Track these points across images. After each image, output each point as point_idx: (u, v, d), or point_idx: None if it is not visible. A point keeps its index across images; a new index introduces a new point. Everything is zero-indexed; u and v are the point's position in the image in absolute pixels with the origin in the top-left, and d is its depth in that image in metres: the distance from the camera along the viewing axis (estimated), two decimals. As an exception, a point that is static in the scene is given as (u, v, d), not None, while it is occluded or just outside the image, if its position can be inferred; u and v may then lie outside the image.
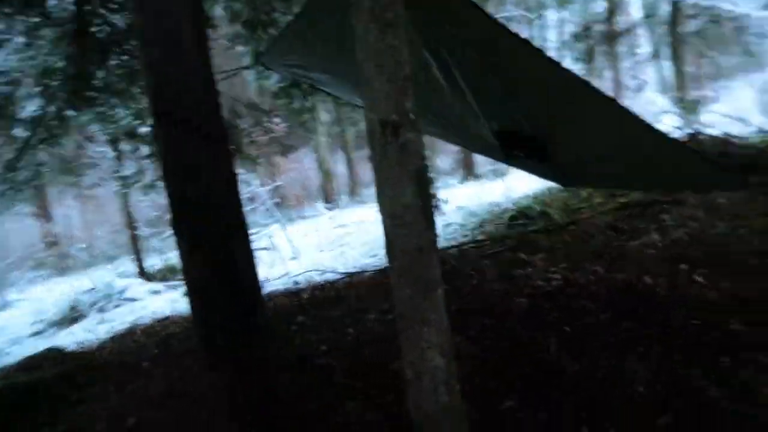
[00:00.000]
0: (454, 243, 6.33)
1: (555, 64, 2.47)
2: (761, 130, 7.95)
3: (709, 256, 4.08)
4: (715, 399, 2.38)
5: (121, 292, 7.61)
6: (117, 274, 9.32)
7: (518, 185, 10.51)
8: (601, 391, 2.59)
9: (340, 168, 18.58)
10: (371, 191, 16.94)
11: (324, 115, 14.75)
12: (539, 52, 2.50)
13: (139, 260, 9.79)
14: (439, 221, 8.39)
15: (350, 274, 6.07)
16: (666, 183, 3.99)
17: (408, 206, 1.63)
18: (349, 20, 1.69)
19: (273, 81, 6.63)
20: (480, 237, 6.30)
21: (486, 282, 4.62)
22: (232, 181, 3.17)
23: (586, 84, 2.61)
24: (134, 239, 10.21)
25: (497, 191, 10.63)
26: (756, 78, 12.75)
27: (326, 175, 16.85)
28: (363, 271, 6.09)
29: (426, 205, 1.68)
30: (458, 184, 14.22)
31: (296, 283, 6.33)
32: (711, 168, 3.01)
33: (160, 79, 2.85)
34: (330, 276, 6.21)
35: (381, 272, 5.79)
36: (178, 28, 2.89)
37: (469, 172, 16.27)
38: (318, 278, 6.26)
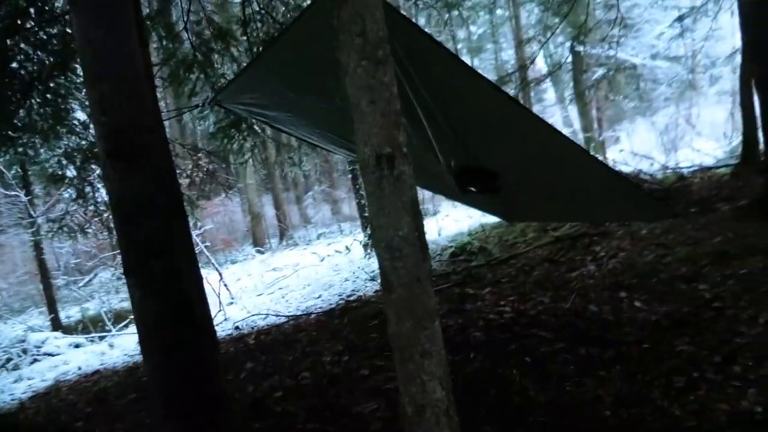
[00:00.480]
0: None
1: (511, 99, 2.61)
2: (665, 167, 8.72)
3: (643, 283, 4.36)
4: (678, 418, 2.51)
5: (38, 346, 6.93)
6: (28, 327, 8.50)
7: (449, 223, 10.86)
8: (574, 418, 2.65)
9: (268, 211, 18.28)
10: (301, 233, 16.76)
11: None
12: (494, 88, 2.64)
13: (54, 312, 8.99)
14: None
15: (296, 317, 5.91)
16: (606, 214, 4.26)
17: (405, 238, 1.64)
18: (322, 58, 1.72)
19: (209, 122, 6.50)
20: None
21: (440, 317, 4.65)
22: (185, 220, 3.05)
23: (539, 119, 2.78)
24: (48, 289, 9.40)
25: (429, 229, 10.88)
26: (654, 119, 14.08)
27: (255, 218, 16.48)
28: (309, 314, 5.95)
29: (421, 236, 1.69)
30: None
31: (238, 328, 6.07)
32: (646, 199, 3.27)
33: (112, 116, 2.72)
34: (273, 319, 6.01)
35: (329, 314, 5.70)
36: (129, 63, 2.80)
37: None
38: (261, 322, 6.04)
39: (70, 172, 5.37)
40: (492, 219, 9.91)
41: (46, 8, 4.96)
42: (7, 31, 4.75)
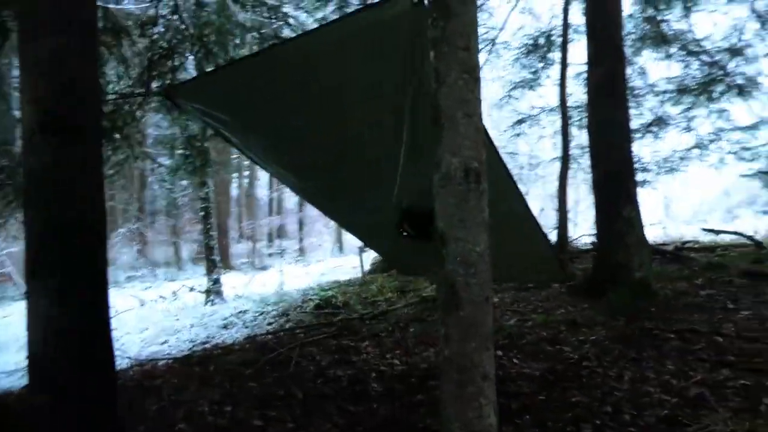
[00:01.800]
0: (265, 329, 5.97)
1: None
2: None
3: (514, 343, 4.78)
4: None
5: None
6: None
7: (289, 278, 10.65)
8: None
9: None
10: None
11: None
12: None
13: None
14: (227, 308, 7.82)
15: (141, 363, 5.09)
16: (508, 274, 4.60)
17: (481, 254, 1.62)
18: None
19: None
20: (289, 325, 6.08)
21: (325, 368, 4.45)
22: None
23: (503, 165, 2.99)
24: None
25: (271, 282, 10.53)
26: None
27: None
28: (155, 360, 5.18)
29: (489, 255, 1.69)
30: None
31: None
32: (552, 263, 3.68)
33: (54, 78, 2.23)
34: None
35: (184, 361, 5.05)
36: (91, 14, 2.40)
37: (225, 263, 15.66)
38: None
39: None
40: (345, 276, 10.04)
41: None
42: None
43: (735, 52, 8.43)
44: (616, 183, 5.98)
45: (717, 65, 8.49)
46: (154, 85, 5.04)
